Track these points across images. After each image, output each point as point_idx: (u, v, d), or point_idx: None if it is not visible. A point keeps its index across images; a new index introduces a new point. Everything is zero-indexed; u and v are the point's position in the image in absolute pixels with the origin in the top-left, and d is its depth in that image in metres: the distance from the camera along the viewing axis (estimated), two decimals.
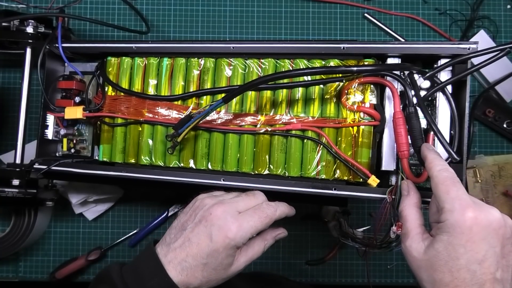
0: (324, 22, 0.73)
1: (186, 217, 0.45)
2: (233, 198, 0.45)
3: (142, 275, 0.41)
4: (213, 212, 0.43)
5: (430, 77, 0.47)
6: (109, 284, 0.42)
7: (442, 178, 0.37)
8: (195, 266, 0.42)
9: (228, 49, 0.52)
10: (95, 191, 0.69)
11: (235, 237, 0.42)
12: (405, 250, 0.39)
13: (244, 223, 0.42)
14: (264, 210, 0.44)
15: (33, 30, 0.59)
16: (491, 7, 0.72)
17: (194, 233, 0.43)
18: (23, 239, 0.66)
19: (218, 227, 0.42)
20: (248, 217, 0.43)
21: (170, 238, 0.44)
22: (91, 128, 0.60)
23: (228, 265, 0.43)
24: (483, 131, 0.71)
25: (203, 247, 0.42)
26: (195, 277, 0.42)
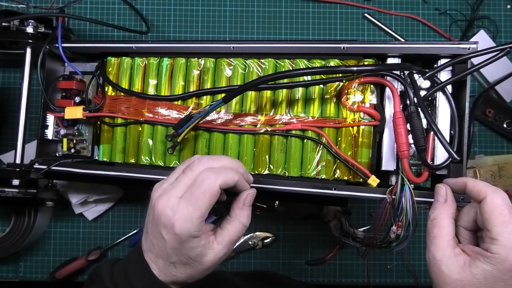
0: (324, 22, 0.73)
1: (148, 217, 0.42)
2: (173, 183, 0.40)
3: (130, 275, 0.41)
4: (155, 208, 0.39)
5: (430, 77, 0.47)
6: (100, 284, 0.42)
7: (500, 204, 0.36)
8: (167, 266, 0.40)
9: (228, 49, 0.52)
10: (95, 191, 0.69)
11: (182, 231, 0.37)
12: (433, 262, 0.37)
13: (184, 212, 0.37)
14: (200, 187, 0.38)
15: (33, 30, 0.59)
16: (491, 7, 0.72)
17: (151, 235, 0.40)
18: (23, 239, 0.66)
19: (163, 225, 0.38)
20: (185, 202, 0.38)
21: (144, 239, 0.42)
22: (91, 128, 0.60)
23: (199, 256, 0.39)
24: (483, 131, 0.71)
25: (162, 247, 0.39)
26: (173, 275, 0.40)
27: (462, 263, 0.36)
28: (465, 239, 0.40)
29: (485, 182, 0.38)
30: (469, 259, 0.36)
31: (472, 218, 0.40)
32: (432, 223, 0.39)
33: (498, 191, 0.37)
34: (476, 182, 0.38)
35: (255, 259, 0.72)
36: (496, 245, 0.35)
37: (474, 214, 0.40)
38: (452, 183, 0.42)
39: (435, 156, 0.47)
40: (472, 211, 0.40)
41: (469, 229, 0.40)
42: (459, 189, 0.41)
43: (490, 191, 0.37)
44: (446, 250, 0.37)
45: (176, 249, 0.38)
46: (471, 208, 0.40)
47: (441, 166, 0.46)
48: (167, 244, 0.38)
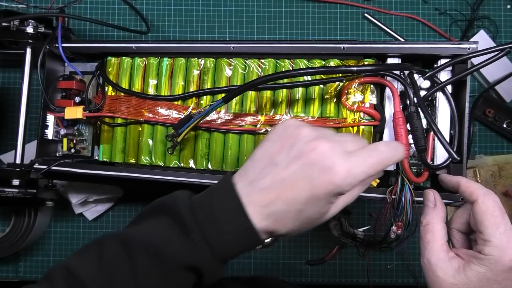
0: (324, 22, 0.73)
1: (276, 146, 0.35)
2: (338, 135, 0.36)
3: (219, 216, 0.34)
4: (316, 147, 0.33)
5: (430, 77, 0.47)
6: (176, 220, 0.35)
7: (491, 206, 0.36)
8: (287, 212, 0.34)
9: (228, 49, 0.52)
10: (95, 191, 0.69)
11: (342, 184, 0.33)
12: (428, 267, 0.38)
13: (355, 168, 0.33)
14: (381, 154, 0.34)
15: (33, 30, 0.59)
16: (491, 7, 0.72)
17: (289, 172, 0.33)
18: (23, 239, 0.66)
19: (322, 168, 0.33)
20: (360, 160, 0.33)
21: (255, 173, 0.35)
22: (91, 128, 0.60)
23: (325, 213, 0.35)
24: (483, 131, 0.71)
25: (300, 191, 0.33)
26: (284, 224, 0.34)
27: (456, 266, 0.37)
28: (458, 242, 0.41)
29: (478, 184, 0.39)
30: (463, 262, 0.37)
31: (465, 220, 0.40)
32: (425, 228, 0.39)
33: (489, 193, 0.37)
34: (469, 183, 0.39)
35: (255, 259, 0.72)
36: (488, 247, 0.35)
37: (467, 216, 0.40)
38: (447, 179, 0.42)
39: (435, 156, 0.47)
40: (465, 213, 0.40)
41: (462, 231, 0.41)
42: (452, 187, 0.41)
43: (482, 193, 0.37)
44: (440, 254, 0.37)
45: (316, 198, 0.33)
46: (464, 211, 0.41)
47: (441, 166, 0.46)
48: (312, 190, 0.33)
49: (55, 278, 0.36)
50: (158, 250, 0.34)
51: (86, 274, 0.35)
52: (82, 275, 0.35)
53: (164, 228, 0.35)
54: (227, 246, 0.34)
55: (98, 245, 0.36)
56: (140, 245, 0.35)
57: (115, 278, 0.35)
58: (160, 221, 0.35)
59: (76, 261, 0.36)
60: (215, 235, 0.34)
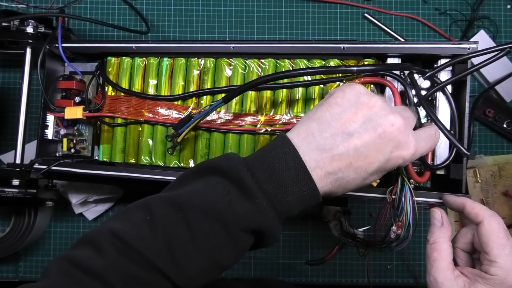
0: (324, 22, 0.73)
1: (348, 114, 0.35)
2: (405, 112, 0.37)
3: (282, 177, 0.33)
4: (395, 123, 0.34)
5: (430, 77, 0.47)
6: (232, 178, 0.34)
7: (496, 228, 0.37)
8: (353, 179, 0.35)
9: (228, 49, 0.52)
10: (95, 191, 0.69)
11: (409, 159, 0.36)
12: (434, 285, 0.38)
13: (420, 148, 0.36)
14: (435, 140, 0.39)
15: (33, 30, 0.59)
16: (491, 7, 0.72)
17: (364, 142, 0.34)
18: (23, 239, 0.66)
19: (397, 143, 0.34)
20: (424, 142, 0.37)
21: (324, 138, 0.34)
22: (91, 128, 0.60)
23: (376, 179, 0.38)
24: (483, 131, 0.71)
25: (373, 162, 0.34)
26: (344, 188, 0.36)
27: (462, 285, 0.38)
28: (462, 261, 0.42)
29: (483, 206, 0.40)
30: (468, 281, 0.38)
31: (469, 240, 0.41)
32: (432, 247, 0.40)
33: (494, 215, 0.38)
34: (474, 205, 0.39)
35: (255, 259, 0.72)
36: (494, 267, 0.36)
37: (471, 236, 0.41)
38: (451, 200, 0.43)
39: (435, 156, 0.47)
40: (469, 233, 0.41)
41: (466, 251, 0.42)
42: (457, 209, 0.42)
43: (487, 215, 0.38)
44: (446, 272, 0.38)
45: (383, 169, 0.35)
46: (468, 231, 0.41)
47: (441, 166, 0.46)
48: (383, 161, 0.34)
49: (100, 243, 0.33)
50: (219, 215, 0.33)
51: (139, 239, 0.32)
52: (134, 241, 0.32)
53: (223, 191, 0.34)
54: (290, 207, 0.34)
55: (144, 209, 0.34)
56: (196, 208, 0.33)
57: (173, 243, 0.32)
58: (214, 182, 0.34)
59: (122, 225, 0.33)
60: (278, 197, 0.33)
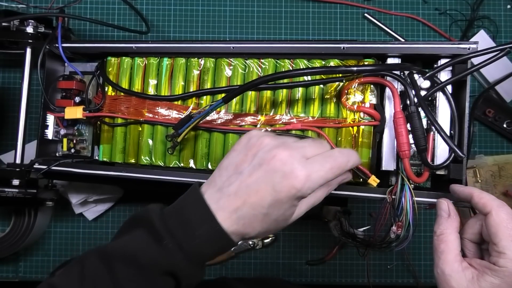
0: (324, 22, 0.73)
1: (240, 156, 0.38)
2: (297, 142, 0.38)
3: (189, 222, 0.36)
4: (277, 155, 0.36)
5: (430, 77, 0.47)
6: (149, 229, 0.37)
7: (505, 219, 0.37)
8: (254, 216, 0.36)
9: (228, 49, 0.52)
10: (95, 191, 0.69)
11: (302, 188, 0.35)
12: (442, 277, 0.38)
13: (314, 174, 0.36)
14: (336, 159, 0.37)
15: (33, 30, 0.59)
16: (491, 7, 0.72)
17: (252, 179, 0.36)
18: (23, 239, 0.66)
19: (282, 174, 0.35)
20: (318, 165, 0.36)
21: (222, 181, 0.37)
22: (91, 128, 0.60)
23: (290, 215, 0.38)
24: (483, 131, 0.71)
25: (265, 196, 0.35)
26: (252, 227, 0.37)
27: (470, 277, 0.37)
28: (470, 252, 0.41)
29: (491, 195, 0.39)
30: (476, 273, 0.37)
31: (477, 230, 0.40)
32: (439, 238, 0.39)
33: (503, 205, 0.38)
34: (482, 195, 0.39)
35: (255, 259, 0.72)
36: (503, 259, 0.36)
37: (479, 227, 0.40)
38: (459, 190, 0.42)
39: (435, 156, 0.47)
40: (477, 224, 0.40)
41: (474, 241, 0.41)
42: (465, 198, 0.41)
43: (495, 205, 0.37)
44: (454, 264, 0.38)
45: (279, 202, 0.36)
46: (476, 221, 0.41)
47: (441, 166, 0.46)
48: (274, 194, 0.35)
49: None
50: (135, 259, 0.36)
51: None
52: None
53: (139, 239, 0.37)
54: (200, 249, 0.36)
55: (79, 262, 0.37)
56: (118, 257, 0.36)
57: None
58: (136, 233, 0.37)
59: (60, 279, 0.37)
60: (187, 240, 0.36)
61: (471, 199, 0.40)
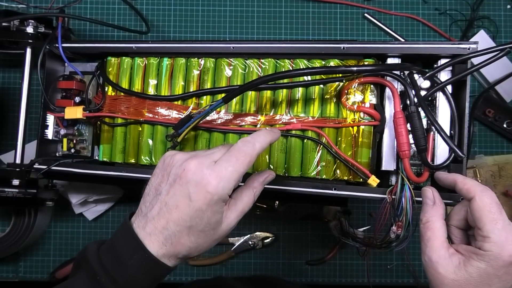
0: (324, 22, 0.73)
1: (158, 179, 0.39)
2: (207, 151, 0.40)
3: (121, 254, 0.37)
4: (186, 167, 0.37)
5: (430, 77, 0.47)
6: (87, 268, 0.38)
7: (488, 203, 0.37)
8: (179, 232, 0.37)
9: (228, 49, 0.52)
10: (95, 191, 0.69)
11: (217, 190, 0.36)
12: (429, 264, 0.38)
13: (223, 171, 0.36)
14: (240, 149, 0.38)
15: (33, 30, 0.59)
16: (491, 7, 0.72)
17: (170, 196, 0.37)
18: (23, 239, 0.66)
19: (195, 183, 0.36)
20: (224, 163, 0.37)
21: (146, 207, 0.39)
22: (91, 128, 0.60)
23: (217, 223, 0.38)
24: (483, 131, 0.71)
25: (184, 209, 0.36)
26: (181, 244, 0.37)
27: (457, 263, 0.37)
28: (457, 238, 0.41)
29: (474, 181, 0.39)
30: (463, 258, 0.37)
31: (462, 217, 0.41)
32: (425, 226, 0.40)
33: (486, 190, 0.38)
34: (466, 181, 0.39)
35: (255, 259, 0.72)
36: (488, 243, 0.36)
37: (465, 213, 0.41)
38: (443, 177, 0.43)
39: (435, 156, 0.47)
40: (463, 210, 0.41)
41: (460, 227, 0.41)
42: (449, 185, 0.42)
43: (479, 190, 0.38)
44: (441, 251, 0.38)
45: (200, 211, 0.36)
46: (461, 207, 0.41)
47: (441, 166, 0.46)
48: (193, 204, 0.36)
49: None
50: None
51: None
52: None
53: (79, 280, 0.38)
54: (134, 280, 0.37)
55: None
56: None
57: None
58: (77, 274, 0.39)
59: None
60: (120, 272, 0.37)
61: (455, 185, 0.40)
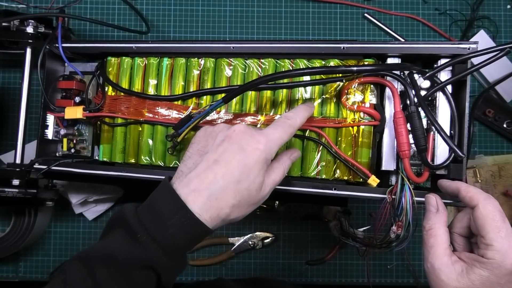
0: (324, 22, 0.73)
1: (202, 143, 0.41)
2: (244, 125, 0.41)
3: (161, 213, 0.37)
4: (236, 129, 0.39)
5: (430, 77, 0.47)
6: (125, 227, 0.38)
7: (492, 211, 0.37)
8: (226, 187, 0.37)
9: (228, 49, 0.52)
10: (95, 191, 0.69)
11: (266, 148, 0.38)
12: (432, 271, 0.38)
13: (270, 135, 0.39)
14: (285, 122, 0.41)
15: (33, 30, 0.59)
16: (491, 7, 0.72)
17: (219, 153, 0.38)
18: (23, 239, 0.66)
19: (246, 141, 0.38)
20: (272, 130, 0.40)
21: (188, 168, 0.39)
22: (91, 128, 0.60)
23: (260, 184, 0.39)
24: (483, 131, 0.71)
25: (234, 163, 0.37)
26: (225, 200, 0.37)
27: (460, 270, 0.37)
28: (460, 245, 0.41)
29: (477, 189, 0.39)
30: (466, 266, 0.37)
31: (465, 224, 0.41)
32: (428, 233, 0.40)
33: (489, 198, 0.38)
34: (469, 189, 0.39)
35: (255, 259, 0.72)
36: (491, 251, 0.36)
37: (468, 220, 0.41)
38: (446, 185, 0.43)
39: (435, 156, 0.47)
40: (466, 217, 0.41)
41: (463, 235, 0.42)
42: (452, 193, 0.42)
43: (482, 198, 0.38)
44: (444, 258, 0.38)
45: (248, 166, 0.37)
46: (464, 215, 0.41)
47: (441, 166, 0.46)
48: (243, 159, 0.37)
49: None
50: (113, 258, 0.37)
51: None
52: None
53: (116, 237, 0.38)
54: (174, 239, 0.37)
55: (61, 270, 0.38)
56: (97, 258, 0.37)
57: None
58: (113, 233, 0.38)
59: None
60: (161, 231, 0.36)
61: (459, 193, 0.40)
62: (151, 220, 0.37)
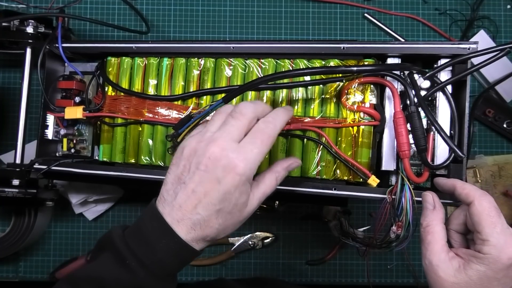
0: (324, 22, 0.73)
1: (180, 169, 0.39)
2: (221, 129, 0.39)
3: (148, 238, 0.38)
4: (210, 155, 0.37)
5: (430, 77, 0.47)
6: (113, 250, 0.38)
7: (487, 207, 0.38)
8: (208, 216, 0.37)
9: (228, 49, 0.52)
10: (95, 191, 0.69)
11: (245, 171, 0.36)
12: (430, 267, 0.39)
13: (248, 153, 0.37)
14: (263, 131, 0.38)
15: (33, 30, 0.59)
16: (491, 7, 0.72)
17: (196, 183, 0.37)
18: (23, 239, 0.66)
19: (222, 168, 0.36)
20: (249, 145, 0.37)
21: (169, 195, 0.39)
22: (91, 128, 0.60)
23: (243, 204, 0.38)
24: (483, 131, 0.71)
25: (212, 193, 0.37)
26: (210, 227, 0.38)
27: (457, 266, 0.38)
28: (456, 242, 0.42)
29: (473, 186, 0.40)
30: (463, 261, 0.38)
31: (462, 221, 0.41)
32: (425, 230, 0.40)
33: (485, 194, 0.39)
34: (465, 186, 0.40)
35: (255, 259, 0.72)
36: (487, 246, 0.37)
37: (464, 217, 0.41)
38: (442, 183, 0.43)
39: (435, 156, 0.47)
40: (462, 214, 0.41)
41: (460, 232, 0.42)
42: (448, 190, 0.42)
43: (477, 195, 0.38)
44: (441, 255, 0.39)
45: (228, 193, 0.37)
46: (460, 212, 0.42)
47: (441, 166, 0.46)
48: (221, 188, 0.36)
49: None
50: (101, 282, 0.37)
51: None
52: None
53: (104, 261, 0.38)
54: (163, 263, 0.37)
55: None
56: (85, 281, 0.38)
57: None
58: (101, 256, 0.39)
59: None
60: (149, 256, 0.37)
61: (454, 190, 0.41)
62: (139, 245, 0.38)
